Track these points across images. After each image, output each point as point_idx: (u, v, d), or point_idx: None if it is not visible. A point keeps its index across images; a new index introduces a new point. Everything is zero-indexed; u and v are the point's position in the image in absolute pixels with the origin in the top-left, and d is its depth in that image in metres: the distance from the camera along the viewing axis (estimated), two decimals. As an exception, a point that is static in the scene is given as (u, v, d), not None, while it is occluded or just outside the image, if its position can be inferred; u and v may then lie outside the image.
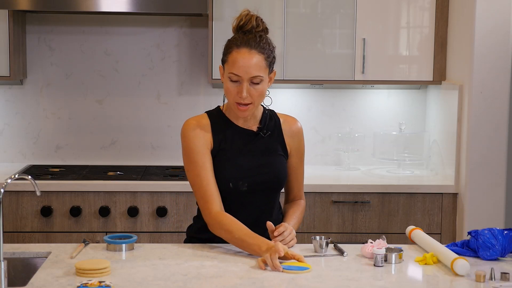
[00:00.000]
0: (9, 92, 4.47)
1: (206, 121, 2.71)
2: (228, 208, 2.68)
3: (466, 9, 3.96)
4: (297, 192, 2.88)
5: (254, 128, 2.74)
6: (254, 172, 2.69)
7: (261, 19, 2.69)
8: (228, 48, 2.65)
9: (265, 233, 2.65)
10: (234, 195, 2.69)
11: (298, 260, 2.44)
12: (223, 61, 2.67)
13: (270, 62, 2.66)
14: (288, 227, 2.61)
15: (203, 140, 2.67)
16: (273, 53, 2.68)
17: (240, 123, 2.73)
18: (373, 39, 4.24)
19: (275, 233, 2.59)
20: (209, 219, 2.63)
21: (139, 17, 4.47)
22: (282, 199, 2.87)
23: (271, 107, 2.83)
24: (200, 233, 2.76)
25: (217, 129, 2.70)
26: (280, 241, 2.56)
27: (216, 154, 2.69)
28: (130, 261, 2.48)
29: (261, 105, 2.78)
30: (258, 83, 2.61)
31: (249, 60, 2.59)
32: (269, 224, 2.62)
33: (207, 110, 2.82)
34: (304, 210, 2.88)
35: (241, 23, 2.67)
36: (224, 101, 2.75)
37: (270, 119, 2.78)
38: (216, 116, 2.74)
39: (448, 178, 4.13)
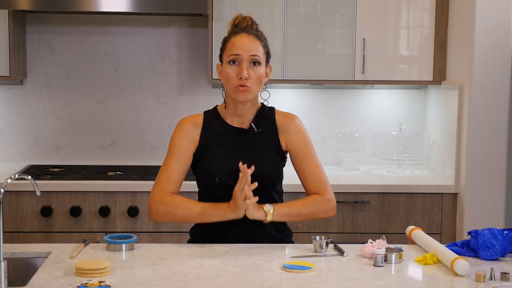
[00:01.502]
0: (9, 92, 4.47)
1: (200, 119, 2.79)
2: None
3: (466, 9, 3.96)
4: (311, 188, 2.78)
5: (247, 127, 2.76)
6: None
7: (255, 21, 2.80)
8: (226, 40, 2.76)
9: (256, 240, 2.70)
10: (223, 191, 2.70)
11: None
12: (222, 51, 2.76)
13: (267, 52, 2.76)
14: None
15: (187, 140, 2.75)
16: (269, 47, 2.78)
17: (234, 123, 2.76)
18: (373, 39, 4.24)
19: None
20: (156, 205, 2.67)
21: (139, 17, 4.47)
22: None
23: (270, 104, 2.84)
24: (204, 232, 2.76)
25: (208, 126, 2.76)
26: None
27: (204, 150, 2.74)
28: (130, 261, 2.48)
29: (261, 102, 2.81)
30: (257, 64, 2.69)
31: (248, 42, 2.70)
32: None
33: (215, 105, 2.86)
34: (319, 202, 2.74)
35: (237, 21, 2.78)
36: (223, 96, 2.79)
37: (265, 116, 2.79)
38: (211, 115, 2.81)
39: (448, 178, 4.13)
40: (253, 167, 2.61)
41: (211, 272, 2.37)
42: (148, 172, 4.25)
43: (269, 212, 2.64)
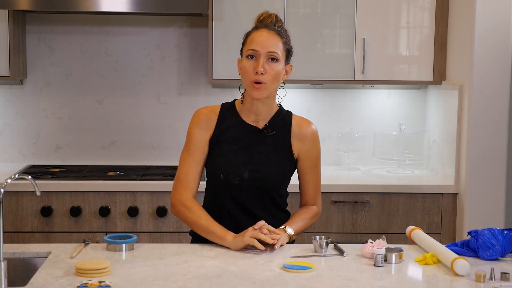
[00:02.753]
0: (9, 92, 4.47)
1: (216, 111, 2.78)
2: (220, 203, 2.73)
3: (466, 9, 3.96)
4: (309, 198, 2.84)
5: (261, 126, 2.75)
6: (247, 168, 2.70)
7: (281, 19, 2.79)
8: (247, 34, 2.74)
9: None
10: (225, 188, 2.71)
11: (272, 234, 2.54)
12: (242, 45, 2.74)
13: (288, 50, 2.75)
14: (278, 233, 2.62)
15: (203, 130, 2.74)
16: (291, 44, 2.77)
17: (249, 120, 2.75)
18: (373, 39, 4.24)
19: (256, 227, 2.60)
20: (177, 201, 2.71)
21: (139, 17, 4.47)
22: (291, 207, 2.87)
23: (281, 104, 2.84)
24: None
25: (223, 120, 2.75)
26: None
27: (214, 144, 2.73)
28: (130, 261, 2.48)
29: (279, 104, 2.80)
30: (274, 61, 2.68)
31: (267, 38, 2.69)
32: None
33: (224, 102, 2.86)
34: (316, 216, 2.84)
35: (262, 18, 2.76)
36: (240, 91, 2.78)
37: (282, 119, 2.77)
38: (228, 108, 2.79)
39: (448, 178, 4.13)
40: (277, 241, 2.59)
41: (211, 272, 2.37)
42: (148, 172, 4.25)
43: (292, 235, 2.69)
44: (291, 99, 4.52)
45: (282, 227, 2.68)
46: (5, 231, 3.81)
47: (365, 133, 4.53)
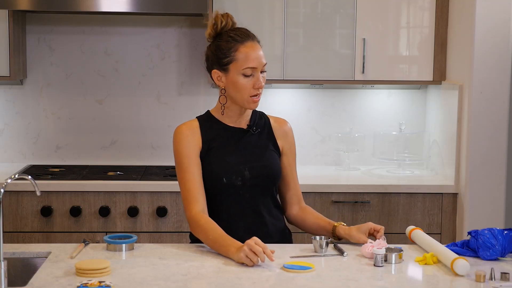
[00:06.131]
0: (9, 92, 4.47)
1: (196, 124, 2.75)
2: (225, 206, 2.72)
3: (466, 9, 3.96)
4: (298, 193, 2.87)
5: (244, 127, 2.78)
6: (246, 167, 2.71)
7: (232, 16, 2.77)
8: (230, 48, 2.68)
9: (262, 230, 2.70)
10: (229, 191, 2.71)
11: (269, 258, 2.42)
12: (228, 62, 2.68)
13: None
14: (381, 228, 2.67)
15: (191, 144, 2.70)
16: None
17: (231, 123, 2.76)
18: (373, 39, 4.24)
19: (378, 236, 2.64)
20: (189, 219, 2.66)
21: (139, 17, 4.47)
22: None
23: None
24: None
25: (206, 130, 2.74)
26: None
27: (206, 153, 2.72)
28: (130, 261, 2.48)
29: None
30: (265, 71, 2.72)
31: (258, 51, 2.69)
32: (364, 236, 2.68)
33: (206, 110, 2.85)
34: None
35: (222, 24, 2.73)
36: (221, 102, 2.76)
37: (260, 118, 2.82)
38: (205, 119, 2.79)
39: (448, 178, 4.13)
40: None
41: (211, 272, 2.37)
42: (148, 172, 4.25)
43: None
44: (291, 99, 4.54)
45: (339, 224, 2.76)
46: (5, 231, 3.81)
47: (365, 133, 4.53)
